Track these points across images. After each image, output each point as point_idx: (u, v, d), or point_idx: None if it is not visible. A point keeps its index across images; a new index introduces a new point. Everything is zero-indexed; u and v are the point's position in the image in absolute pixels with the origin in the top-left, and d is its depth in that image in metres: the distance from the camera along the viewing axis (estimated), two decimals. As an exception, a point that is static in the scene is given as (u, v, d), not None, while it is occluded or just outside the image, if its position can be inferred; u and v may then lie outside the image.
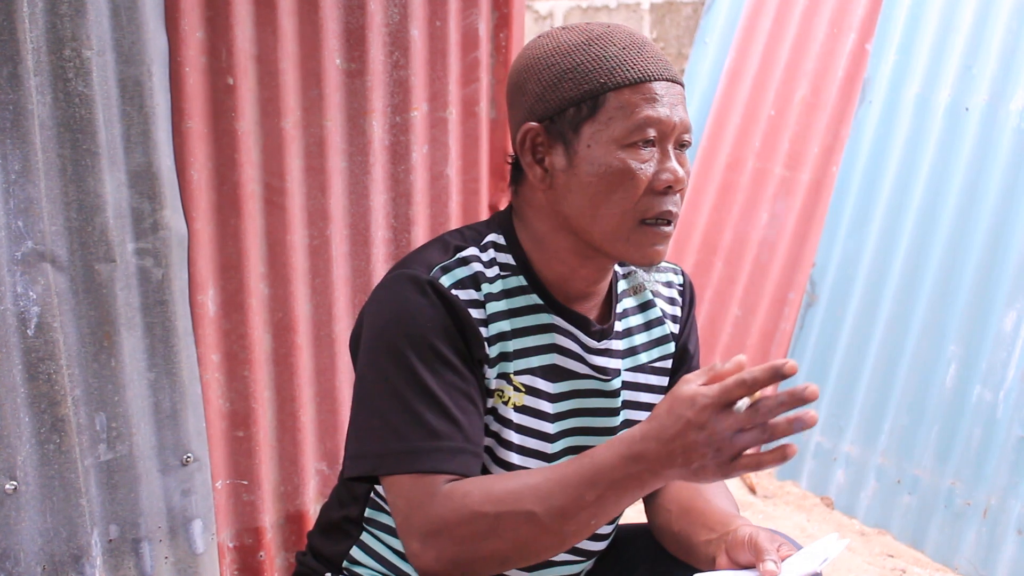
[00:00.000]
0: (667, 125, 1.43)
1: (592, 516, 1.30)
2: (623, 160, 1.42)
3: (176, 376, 1.98)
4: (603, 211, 1.44)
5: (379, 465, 1.39)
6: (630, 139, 1.42)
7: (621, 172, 1.42)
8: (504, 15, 2.44)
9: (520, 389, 1.48)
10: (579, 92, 1.44)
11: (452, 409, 1.39)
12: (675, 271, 1.69)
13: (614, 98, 1.43)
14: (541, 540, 1.33)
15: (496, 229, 1.53)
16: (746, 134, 3.65)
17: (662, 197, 1.44)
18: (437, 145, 2.37)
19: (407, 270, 1.44)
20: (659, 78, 1.43)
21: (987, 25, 2.99)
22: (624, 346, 1.58)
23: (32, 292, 1.76)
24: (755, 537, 1.39)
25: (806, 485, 3.25)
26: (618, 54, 1.44)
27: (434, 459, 1.36)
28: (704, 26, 3.91)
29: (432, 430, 1.37)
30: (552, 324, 1.50)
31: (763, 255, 3.54)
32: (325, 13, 2.15)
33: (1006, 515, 2.73)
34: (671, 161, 1.44)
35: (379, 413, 1.40)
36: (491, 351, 1.45)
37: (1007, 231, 2.86)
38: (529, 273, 1.50)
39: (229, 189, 2.06)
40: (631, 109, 1.42)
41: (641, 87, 1.43)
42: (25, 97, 1.72)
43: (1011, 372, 2.78)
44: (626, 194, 1.42)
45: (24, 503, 1.77)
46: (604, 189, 1.43)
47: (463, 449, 1.38)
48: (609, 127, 1.42)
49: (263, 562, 2.20)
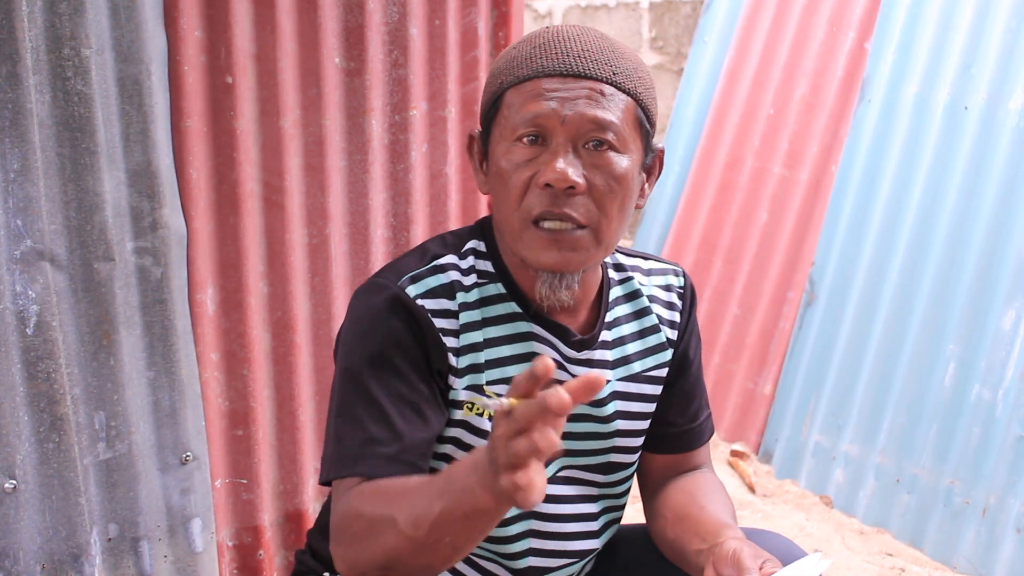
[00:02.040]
0: (550, 119, 1.36)
1: (444, 533, 1.18)
2: (508, 158, 1.39)
3: (175, 375, 1.98)
4: (502, 214, 1.42)
5: (327, 471, 1.40)
6: (513, 136, 1.39)
7: (501, 171, 1.40)
8: (503, 14, 2.44)
9: (494, 398, 1.46)
10: (488, 94, 1.44)
11: (394, 417, 1.38)
12: (675, 272, 1.64)
13: (508, 97, 1.40)
14: (401, 549, 1.23)
15: (479, 235, 1.51)
16: (745, 133, 3.65)
17: (548, 195, 1.37)
18: (436, 144, 2.37)
19: (377, 279, 1.45)
20: (553, 73, 1.38)
21: (986, 24, 3.00)
22: (615, 356, 1.55)
23: (31, 291, 1.76)
24: (739, 553, 1.37)
25: (805, 484, 3.25)
26: (523, 52, 1.41)
27: (367, 464, 1.36)
28: (703, 25, 3.91)
29: (370, 436, 1.37)
30: (531, 332, 1.48)
31: (762, 254, 3.54)
32: (324, 12, 2.15)
33: (1005, 514, 2.74)
34: (558, 159, 1.36)
35: (332, 420, 1.42)
36: (459, 362, 1.44)
37: (1006, 230, 2.86)
38: (507, 280, 1.48)
39: (228, 188, 2.06)
40: (518, 106, 1.39)
41: (529, 83, 1.39)
42: (24, 96, 1.72)
43: (1010, 371, 2.79)
44: (507, 193, 1.39)
45: (23, 502, 1.77)
46: (499, 190, 1.41)
47: (398, 457, 1.36)
48: (502, 127, 1.41)
49: (262, 561, 2.20)
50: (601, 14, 4.62)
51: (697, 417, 1.65)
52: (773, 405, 3.43)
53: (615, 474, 1.59)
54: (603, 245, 1.42)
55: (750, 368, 3.52)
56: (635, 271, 1.61)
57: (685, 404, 1.64)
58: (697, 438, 1.65)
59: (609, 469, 1.58)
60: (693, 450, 1.66)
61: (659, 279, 1.62)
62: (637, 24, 4.54)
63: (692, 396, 1.64)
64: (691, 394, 1.64)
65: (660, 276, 1.63)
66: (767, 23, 3.64)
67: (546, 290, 1.43)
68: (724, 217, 3.67)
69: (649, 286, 1.61)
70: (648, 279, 1.61)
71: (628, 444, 1.58)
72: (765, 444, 3.43)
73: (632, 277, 1.60)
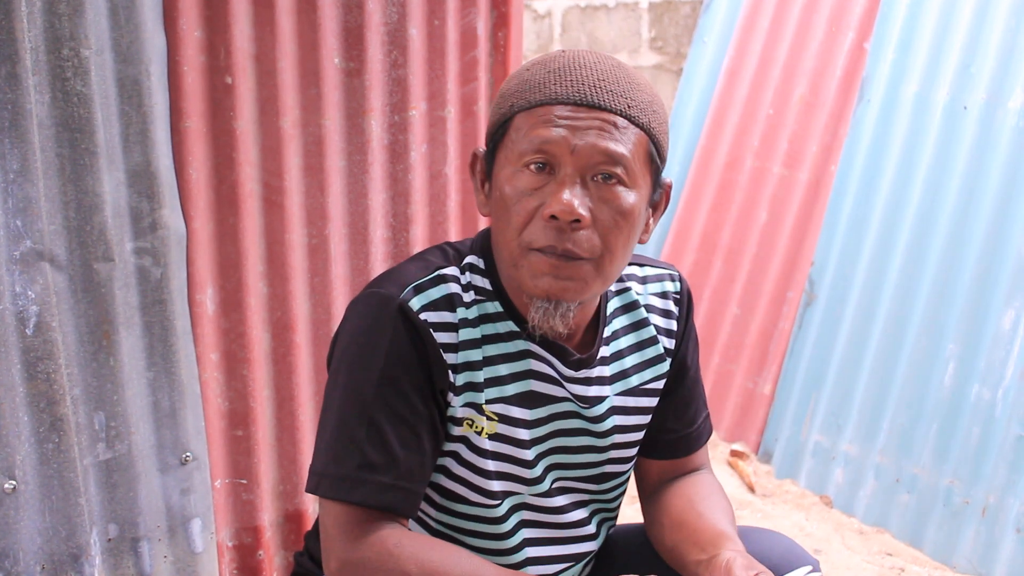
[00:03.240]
0: (559, 147, 1.34)
1: None
2: (512, 184, 1.37)
3: (175, 375, 1.98)
4: (500, 238, 1.40)
5: (318, 485, 1.40)
6: (520, 162, 1.36)
7: (505, 197, 1.37)
8: (503, 14, 2.44)
9: (493, 418, 1.45)
10: (497, 115, 1.41)
11: (392, 442, 1.38)
12: (671, 277, 1.62)
13: (517, 121, 1.38)
14: None
15: (477, 251, 1.49)
16: (745, 133, 3.65)
17: (552, 229, 1.35)
18: (436, 144, 2.37)
19: (379, 289, 1.42)
20: (567, 101, 1.35)
21: (986, 24, 2.99)
22: (613, 371, 1.54)
23: (31, 291, 1.76)
24: (731, 564, 1.38)
25: (805, 484, 3.25)
26: (537, 77, 1.38)
27: (364, 492, 1.37)
28: (702, 25, 3.91)
29: (368, 461, 1.37)
30: (528, 350, 1.47)
31: (762, 254, 3.54)
32: (323, 12, 2.15)
33: (1004, 513, 2.74)
34: (564, 190, 1.34)
35: (328, 433, 1.42)
36: (457, 379, 1.43)
37: (1006, 230, 2.86)
38: (504, 299, 1.46)
39: (228, 188, 2.06)
40: (526, 130, 1.36)
41: (540, 109, 1.36)
42: (23, 96, 1.72)
43: (1009, 371, 2.79)
44: (511, 220, 1.37)
45: (23, 502, 1.77)
46: (500, 214, 1.39)
47: (394, 486, 1.38)
48: (509, 150, 1.38)
49: (262, 561, 2.20)
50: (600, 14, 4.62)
51: (695, 421, 1.65)
52: (773, 405, 3.43)
53: (608, 483, 1.59)
54: (603, 277, 1.40)
55: (750, 368, 3.52)
56: (631, 280, 1.59)
57: (683, 409, 1.63)
58: (695, 441, 1.65)
59: (603, 479, 1.58)
60: (691, 454, 1.65)
61: (655, 286, 1.60)
62: (636, 24, 4.53)
63: (690, 400, 1.64)
64: (689, 398, 1.63)
65: (656, 283, 1.61)
66: (766, 23, 3.64)
67: (540, 317, 1.40)
68: (724, 217, 3.67)
69: (645, 295, 1.59)
70: (644, 287, 1.59)
71: (623, 455, 1.58)
72: (765, 444, 3.43)
73: (629, 288, 1.58)
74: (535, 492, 1.51)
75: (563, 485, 1.54)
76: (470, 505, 1.48)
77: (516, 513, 1.51)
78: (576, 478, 1.55)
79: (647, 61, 4.50)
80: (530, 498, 1.51)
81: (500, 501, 1.48)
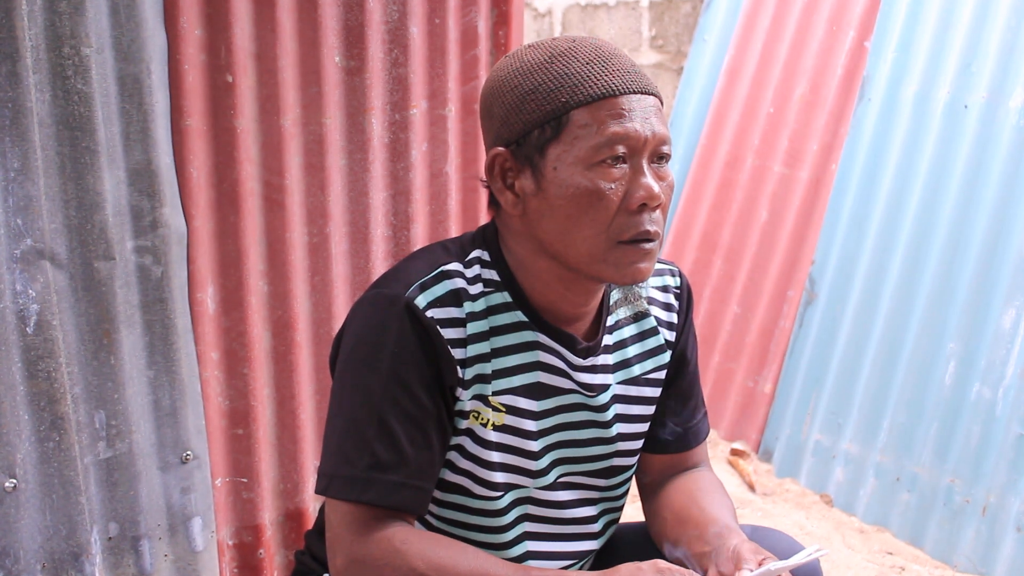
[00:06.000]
0: (637, 139, 1.37)
1: None
2: (592, 180, 1.37)
3: (175, 374, 1.98)
4: (575, 235, 1.40)
5: (328, 486, 1.41)
6: (597, 157, 1.37)
7: (590, 193, 1.37)
8: (503, 12, 2.44)
9: (500, 409, 1.46)
10: (542, 113, 1.39)
11: (402, 441, 1.38)
12: (672, 272, 1.64)
13: (578, 116, 1.38)
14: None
15: (481, 245, 1.49)
16: (745, 132, 3.65)
17: (638, 216, 1.38)
18: (436, 142, 2.37)
19: (385, 289, 1.42)
20: (625, 91, 1.38)
21: (986, 22, 2.99)
22: (616, 359, 1.55)
23: (31, 290, 1.76)
24: (739, 549, 1.40)
25: (805, 482, 3.25)
26: (580, 70, 1.39)
27: (375, 491, 1.38)
28: (703, 24, 3.91)
29: (378, 461, 1.38)
30: (536, 341, 1.47)
31: (762, 253, 3.54)
32: (324, 11, 2.15)
33: (1005, 512, 2.74)
34: (645, 177, 1.38)
35: (337, 435, 1.42)
36: (466, 373, 1.43)
37: (1006, 228, 2.86)
38: (514, 289, 1.47)
39: (228, 187, 2.06)
40: (596, 126, 1.37)
41: (605, 102, 1.37)
42: (24, 95, 1.72)
43: (1010, 369, 2.79)
44: (597, 216, 1.38)
45: (24, 501, 1.77)
46: (575, 212, 1.38)
47: (405, 484, 1.39)
48: (575, 147, 1.38)
49: (263, 560, 2.20)
50: (601, 12, 4.62)
51: (694, 416, 1.65)
52: (773, 404, 3.43)
53: (616, 478, 1.59)
54: None
55: (750, 367, 3.52)
56: None
57: (682, 404, 1.64)
58: (695, 437, 1.65)
59: (611, 473, 1.58)
60: (691, 449, 1.66)
61: (656, 280, 1.62)
62: (637, 23, 4.53)
63: (689, 396, 1.64)
64: (688, 394, 1.64)
65: (657, 277, 1.62)
66: (767, 22, 3.64)
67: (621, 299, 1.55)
68: (724, 216, 3.67)
69: (647, 288, 1.60)
70: (646, 280, 1.61)
71: (629, 447, 1.58)
72: (765, 443, 3.43)
73: None
74: (539, 485, 1.51)
75: (570, 481, 1.54)
76: (472, 498, 1.48)
77: (518, 507, 1.51)
78: (584, 472, 1.55)
79: (647, 60, 4.50)
80: (534, 492, 1.51)
81: (503, 493, 1.48)
